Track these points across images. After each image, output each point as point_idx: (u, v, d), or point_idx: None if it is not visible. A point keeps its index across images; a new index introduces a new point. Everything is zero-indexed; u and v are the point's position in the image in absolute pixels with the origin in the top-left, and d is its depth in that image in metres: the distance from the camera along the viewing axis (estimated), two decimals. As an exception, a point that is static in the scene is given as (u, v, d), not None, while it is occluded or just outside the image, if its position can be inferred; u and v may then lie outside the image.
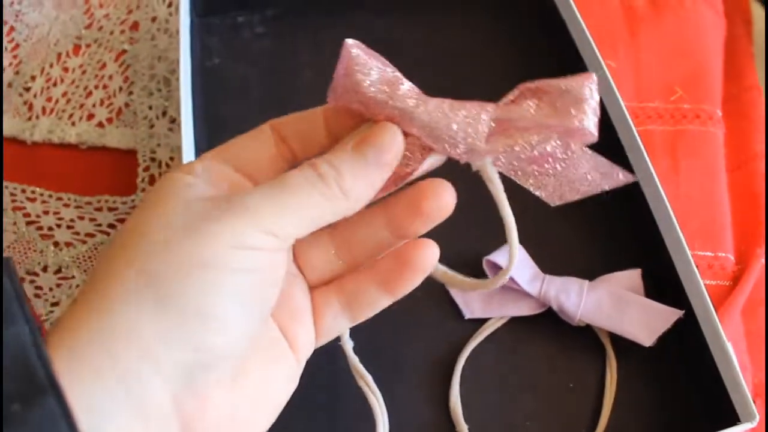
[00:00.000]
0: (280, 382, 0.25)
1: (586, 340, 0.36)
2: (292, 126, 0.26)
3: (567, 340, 0.36)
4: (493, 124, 0.24)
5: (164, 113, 0.46)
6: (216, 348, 0.22)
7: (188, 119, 0.41)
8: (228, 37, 0.47)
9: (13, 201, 0.45)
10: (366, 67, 0.25)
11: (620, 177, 0.26)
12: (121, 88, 0.48)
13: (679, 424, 0.34)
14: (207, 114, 0.44)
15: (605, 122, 0.41)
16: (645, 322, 0.35)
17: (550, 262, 0.37)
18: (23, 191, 0.45)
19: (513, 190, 0.36)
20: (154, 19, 0.50)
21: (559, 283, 0.36)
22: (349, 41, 0.26)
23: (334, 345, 0.34)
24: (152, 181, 0.44)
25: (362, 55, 0.25)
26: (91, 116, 0.47)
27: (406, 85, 0.25)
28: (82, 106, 0.48)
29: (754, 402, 0.42)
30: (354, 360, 0.33)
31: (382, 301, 0.27)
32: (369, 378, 0.33)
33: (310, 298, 0.27)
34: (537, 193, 0.27)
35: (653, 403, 0.35)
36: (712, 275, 0.40)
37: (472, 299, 0.37)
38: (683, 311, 0.35)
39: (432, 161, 0.25)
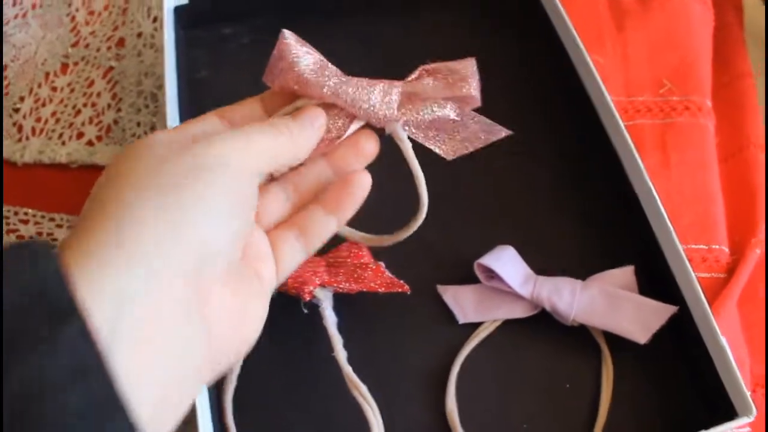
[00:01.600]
0: (256, 303, 0.28)
1: (580, 339, 0.36)
2: (237, 112, 0.31)
3: (561, 340, 0.36)
4: (400, 98, 0.31)
5: (152, 128, 0.46)
6: (213, 242, 0.25)
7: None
8: (214, 49, 0.47)
9: (7, 224, 0.45)
10: (300, 51, 0.31)
11: (501, 133, 0.34)
12: (109, 105, 0.48)
13: (676, 419, 0.34)
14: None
15: (594, 119, 0.41)
16: (639, 319, 0.34)
17: (542, 262, 0.37)
18: (16, 213, 0.45)
19: (507, 195, 0.36)
20: (139, 35, 0.50)
21: (551, 284, 0.35)
22: (285, 31, 0.31)
23: (329, 356, 0.34)
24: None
25: (295, 42, 0.31)
26: (80, 135, 0.47)
27: (332, 68, 0.31)
28: (71, 125, 0.48)
29: (754, 392, 0.42)
30: (348, 370, 0.33)
31: (330, 225, 0.31)
32: (363, 388, 0.33)
33: (267, 240, 0.30)
34: (436, 149, 0.33)
35: (650, 400, 0.35)
36: (707, 268, 0.39)
37: (465, 303, 0.37)
38: (677, 307, 0.35)
39: (355, 126, 0.31)
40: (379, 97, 0.31)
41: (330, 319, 0.35)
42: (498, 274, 0.35)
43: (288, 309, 0.35)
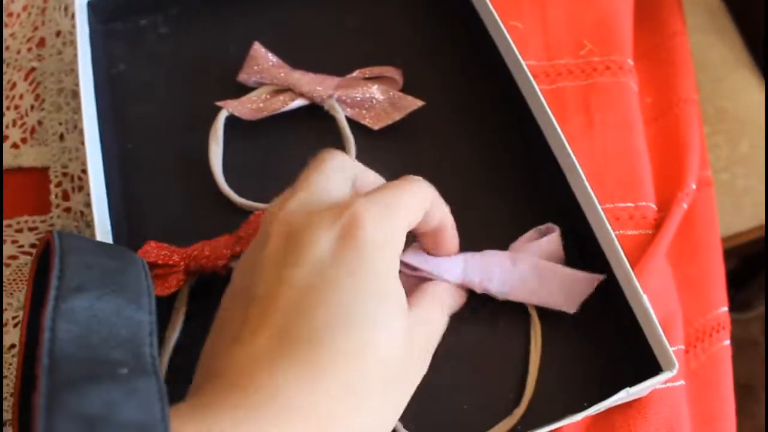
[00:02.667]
0: None
1: (509, 306, 0.36)
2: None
3: (491, 308, 0.36)
4: (335, 84, 0.41)
5: (75, 126, 0.46)
6: None
7: (93, 126, 0.40)
8: (132, 41, 0.46)
9: (-67, 232, 0.44)
10: (266, 54, 0.43)
11: (417, 103, 0.41)
12: (32, 107, 0.47)
13: (605, 379, 0.34)
14: (116, 120, 0.43)
15: (511, 88, 0.41)
16: (568, 291, 0.35)
17: (467, 233, 0.37)
18: (-58, 221, 0.44)
19: (428, 164, 0.36)
20: (58, 33, 0.49)
21: (480, 264, 0.35)
22: (256, 43, 0.43)
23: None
24: (65, 196, 0.43)
25: (262, 48, 0.43)
26: (6, 138, 0.47)
27: (285, 65, 0.43)
28: (-6, 129, 0.47)
29: (693, 347, 0.43)
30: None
31: None
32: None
33: None
34: (364, 122, 0.41)
35: (578, 362, 0.35)
36: (634, 225, 0.40)
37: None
38: (604, 275, 0.35)
39: (299, 102, 0.41)
40: (320, 80, 0.41)
41: None
42: (424, 270, 0.35)
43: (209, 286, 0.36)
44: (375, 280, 0.26)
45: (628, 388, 0.31)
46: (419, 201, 0.30)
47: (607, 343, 0.35)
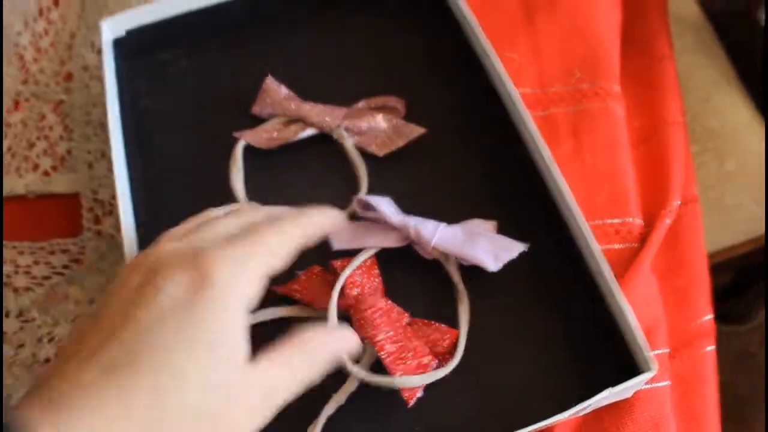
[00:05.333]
0: None
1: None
2: None
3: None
4: (343, 115, 0.45)
5: (102, 155, 0.49)
6: None
7: (120, 156, 0.44)
8: (154, 76, 0.50)
9: (-29, 254, 0.47)
10: (278, 88, 0.46)
11: (419, 131, 0.45)
12: (61, 137, 0.51)
13: (590, 380, 0.37)
14: (142, 149, 0.47)
15: (506, 115, 0.44)
16: (492, 251, 0.38)
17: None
18: (-21, 244, 0.48)
19: (425, 192, 0.40)
20: (86, 68, 0.53)
21: (418, 218, 0.39)
22: (269, 77, 0.47)
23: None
24: (96, 220, 0.47)
25: (275, 81, 0.46)
26: (36, 167, 0.50)
27: (296, 97, 0.46)
28: (26, 158, 0.51)
29: (678, 351, 0.46)
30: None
31: None
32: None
33: None
34: (370, 149, 0.45)
35: (564, 366, 0.38)
36: (621, 239, 0.43)
37: (341, 233, 0.40)
38: (527, 244, 0.39)
39: (309, 132, 0.45)
40: (328, 111, 0.45)
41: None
42: (373, 206, 0.39)
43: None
44: (206, 329, 0.28)
45: (610, 388, 0.35)
46: (282, 245, 0.32)
47: (591, 348, 0.38)
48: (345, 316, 0.39)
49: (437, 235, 0.39)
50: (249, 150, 0.45)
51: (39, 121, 0.52)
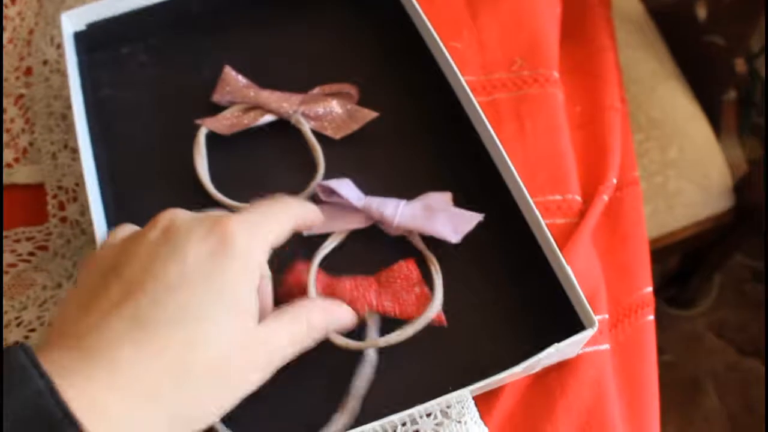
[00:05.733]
0: None
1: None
2: None
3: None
4: (299, 101, 0.47)
5: (65, 146, 0.50)
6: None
7: (86, 142, 0.45)
8: (115, 68, 0.51)
9: (-63, 245, 0.48)
10: (237, 77, 0.48)
11: (371, 115, 0.47)
12: (23, 130, 0.52)
13: (537, 338, 0.39)
14: (105, 138, 0.48)
15: (453, 100, 0.47)
16: (452, 223, 0.41)
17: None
18: (-55, 235, 0.49)
19: (378, 169, 0.41)
20: (45, 62, 0.54)
21: (380, 199, 0.42)
22: (227, 66, 0.49)
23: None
24: (61, 206, 0.48)
25: (233, 72, 0.49)
26: (-1, 159, 0.51)
27: (254, 85, 0.48)
28: (-12, 150, 0.51)
29: (621, 321, 0.49)
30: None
31: None
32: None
33: None
34: (326, 133, 0.47)
35: (512, 325, 0.41)
36: (562, 214, 0.46)
37: None
38: (483, 215, 0.42)
39: (268, 118, 0.47)
40: (285, 98, 0.47)
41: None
42: (336, 191, 0.42)
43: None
44: (228, 290, 0.31)
45: (557, 344, 0.37)
46: (285, 221, 0.36)
47: (537, 309, 0.41)
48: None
49: (398, 214, 0.41)
50: (211, 137, 0.47)
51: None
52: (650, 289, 0.51)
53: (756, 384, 1.07)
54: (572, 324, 0.40)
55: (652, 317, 0.50)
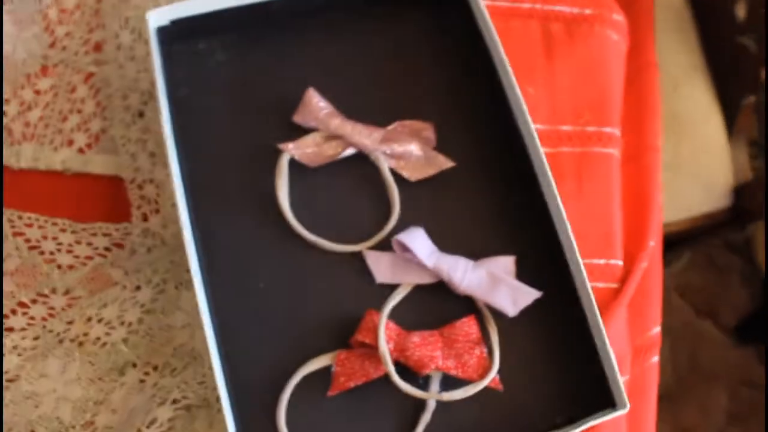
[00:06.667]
0: None
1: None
2: None
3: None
4: (381, 137, 0.49)
5: (143, 145, 0.52)
6: None
7: (174, 161, 0.47)
8: (191, 66, 0.51)
9: (12, 227, 0.50)
10: (319, 101, 0.49)
11: (448, 164, 0.49)
12: (95, 113, 0.53)
13: (565, 402, 0.46)
14: (183, 145, 0.49)
15: (522, 150, 0.49)
16: (512, 297, 0.46)
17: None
18: (20, 218, 0.51)
19: (444, 213, 0.49)
20: (119, 47, 0.54)
21: (450, 261, 0.46)
22: (310, 88, 0.49)
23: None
24: (145, 218, 0.50)
25: (316, 95, 0.49)
26: (71, 142, 0.52)
27: (336, 113, 0.49)
28: (60, 131, 0.52)
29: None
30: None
31: None
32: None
33: None
34: (403, 173, 0.49)
35: (543, 385, 0.47)
36: (604, 279, 0.51)
37: (383, 266, 0.47)
38: (541, 292, 0.46)
39: (349, 152, 0.49)
40: (368, 134, 0.49)
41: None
42: (410, 248, 0.46)
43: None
44: None
45: (590, 422, 0.44)
46: None
47: (574, 377, 0.47)
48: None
49: (465, 279, 0.45)
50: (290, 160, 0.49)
51: (70, 92, 0.53)
52: (659, 329, 0.58)
53: (707, 345, 1.18)
54: (602, 394, 0.46)
55: (656, 359, 0.57)
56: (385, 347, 0.44)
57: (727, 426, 1.16)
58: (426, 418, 0.45)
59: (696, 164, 0.87)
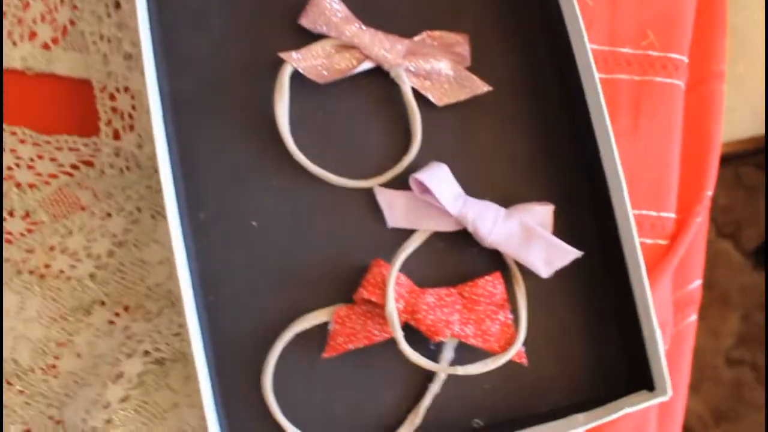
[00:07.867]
0: None
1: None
2: None
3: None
4: (406, 50, 0.40)
5: (118, 44, 0.43)
6: None
7: (150, 65, 0.38)
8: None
9: (-37, 134, 0.43)
10: (333, 1, 0.40)
11: (483, 88, 0.41)
12: (62, 1, 0.44)
13: (602, 384, 0.40)
14: (167, 53, 0.41)
15: (572, 74, 0.41)
16: (546, 256, 0.39)
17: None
18: (-29, 123, 0.43)
19: (473, 139, 0.42)
20: None
21: (477, 207, 0.39)
22: None
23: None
24: (116, 135, 0.42)
25: None
26: (33, 34, 0.44)
27: (353, 18, 0.41)
28: (20, 21, 0.44)
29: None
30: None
31: None
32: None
33: None
34: (428, 96, 0.41)
35: (579, 363, 0.41)
36: (653, 234, 0.43)
37: (396, 208, 0.40)
38: (582, 252, 0.39)
39: (366, 65, 0.40)
40: (389, 45, 0.40)
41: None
42: (430, 189, 0.38)
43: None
44: None
45: (627, 409, 0.37)
46: None
47: (613, 354, 0.41)
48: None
49: (494, 232, 0.38)
50: (294, 74, 0.41)
51: (32, -27, 0.44)
52: (700, 282, 0.51)
53: (724, 265, 1.13)
54: (642, 375, 0.39)
55: (694, 317, 0.50)
56: (393, 307, 0.37)
57: (733, 349, 1.13)
58: (434, 389, 0.39)
59: (751, 85, 0.78)
